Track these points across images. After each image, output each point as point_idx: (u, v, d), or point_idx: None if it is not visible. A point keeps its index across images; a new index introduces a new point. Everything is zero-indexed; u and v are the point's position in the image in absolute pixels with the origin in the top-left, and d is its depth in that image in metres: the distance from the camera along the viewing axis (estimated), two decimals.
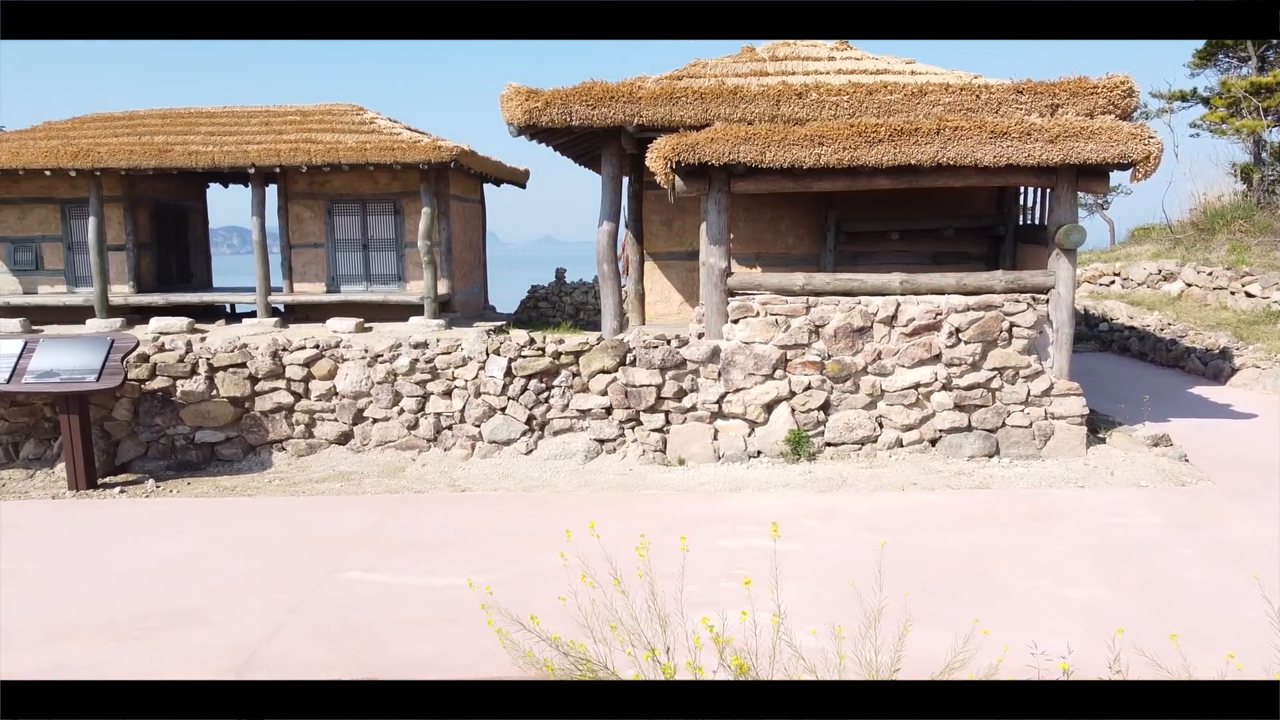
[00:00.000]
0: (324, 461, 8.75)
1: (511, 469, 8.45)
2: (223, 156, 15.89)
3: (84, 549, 6.58)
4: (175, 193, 19.67)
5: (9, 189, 17.85)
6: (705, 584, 5.63)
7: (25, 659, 4.87)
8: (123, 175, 16.95)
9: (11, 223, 18.01)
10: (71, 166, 16.00)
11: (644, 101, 9.65)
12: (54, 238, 18.02)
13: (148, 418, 8.65)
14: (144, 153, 16.00)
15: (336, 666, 4.72)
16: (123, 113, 18.75)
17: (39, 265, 18.12)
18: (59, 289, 18.13)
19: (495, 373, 8.66)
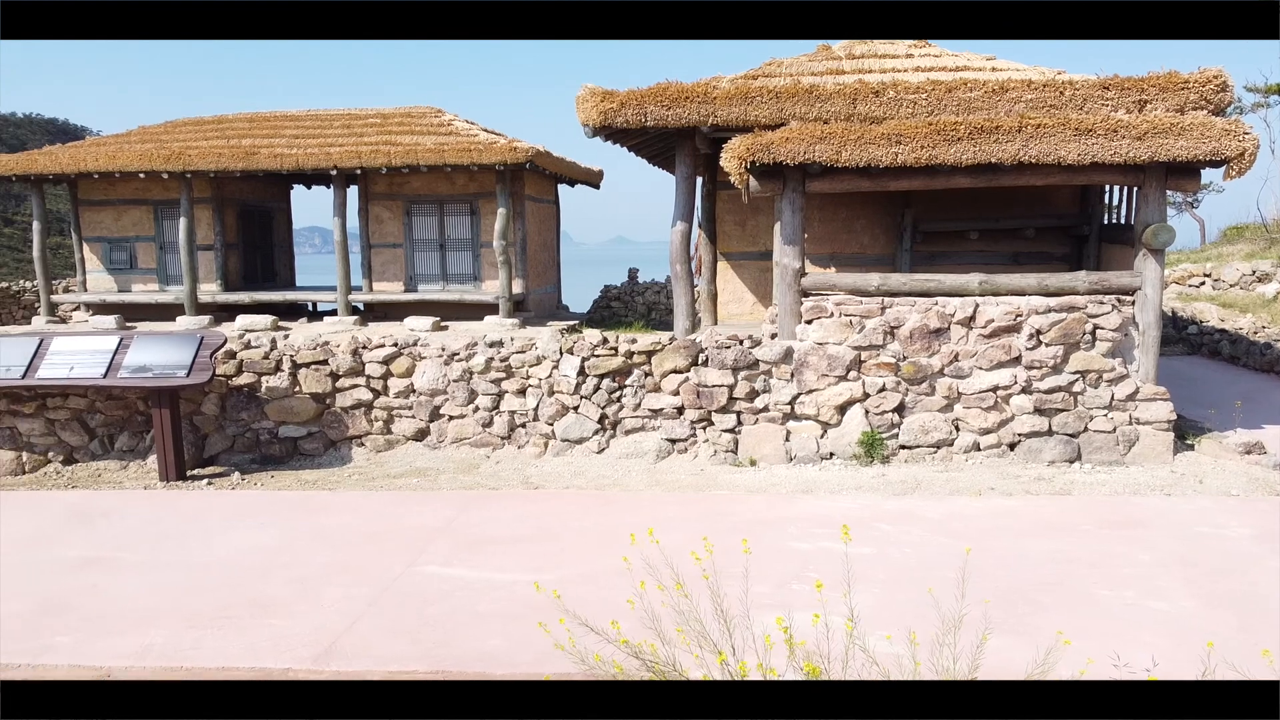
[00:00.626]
0: (401, 457, 8.91)
1: (583, 467, 8.50)
2: (306, 159, 16.30)
3: (172, 538, 6.82)
4: (261, 194, 20.24)
5: (106, 191, 18.57)
6: (775, 586, 5.59)
7: (115, 643, 5.06)
8: (211, 177, 17.50)
9: (108, 223, 18.73)
10: (164, 169, 16.58)
11: (719, 102, 9.62)
12: (147, 238, 18.69)
13: (234, 412, 8.92)
14: (232, 155, 16.50)
15: (412, 659, 4.80)
16: (212, 117, 19.37)
17: (133, 264, 18.81)
18: (151, 287, 18.80)
19: (569, 372, 8.72)
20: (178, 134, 18.26)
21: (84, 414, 8.83)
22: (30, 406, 8.74)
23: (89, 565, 6.25)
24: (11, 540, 6.78)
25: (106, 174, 17.10)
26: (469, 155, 16.06)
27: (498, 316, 17.25)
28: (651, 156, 13.65)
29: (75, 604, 5.60)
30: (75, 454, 8.85)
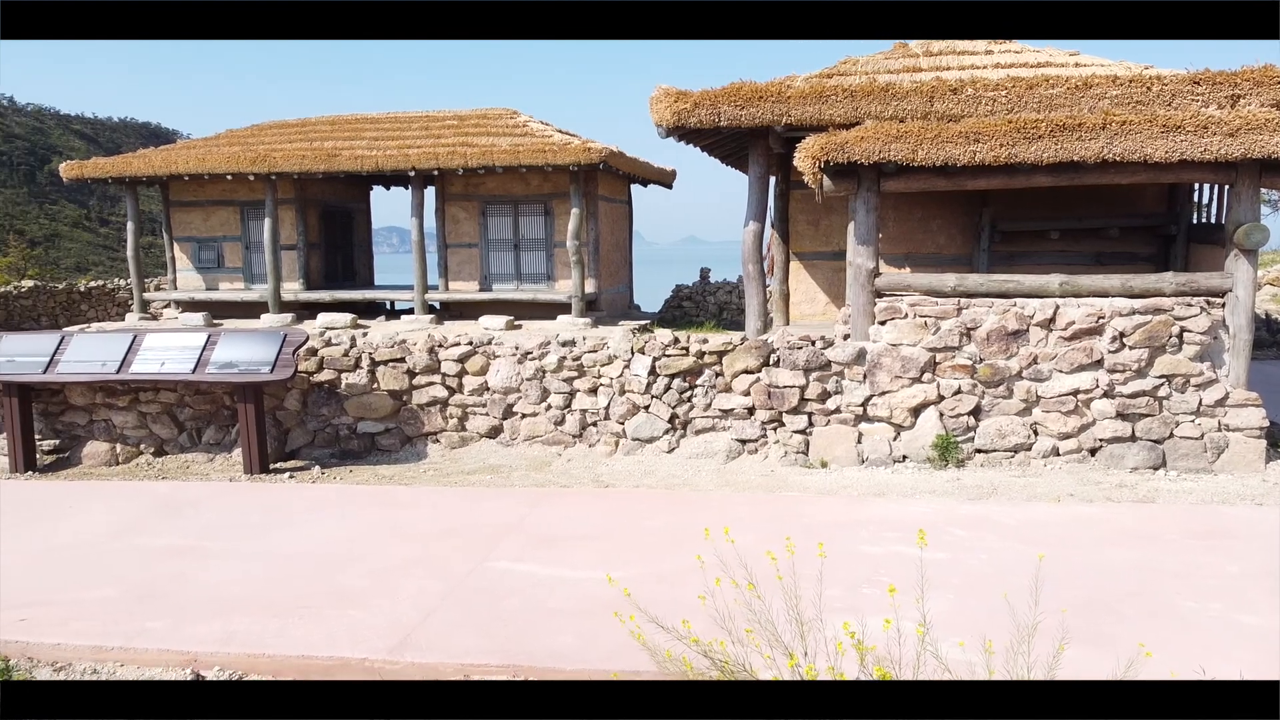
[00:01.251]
0: (475, 454, 9.05)
1: (654, 466, 8.52)
2: (385, 160, 16.64)
3: (255, 529, 7.02)
4: (342, 194, 20.73)
5: (195, 192, 19.22)
6: (846, 589, 5.53)
7: (201, 629, 5.23)
8: (295, 179, 17.99)
9: (197, 224, 19.38)
10: (250, 171, 17.09)
11: (792, 101, 9.56)
12: (233, 238, 19.29)
13: (315, 408, 9.16)
14: (314, 157, 16.93)
15: (485, 652, 4.87)
16: (295, 120, 19.89)
17: (220, 263, 19.44)
18: (237, 285, 19.40)
19: (640, 371, 8.75)
20: (263, 137, 18.81)
21: (174, 408, 9.16)
22: (124, 400, 9.10)
23: (177, 554, 6.47)
24: (106, 529, 7.06)
25: (196, 176, 17.70)
26: (543, 156, 16.22)
27: (570, 316, 17.40)
28: (724, 156, 13.61)
29: (164, 591, 5.81)
30: (165, 446, 9.18)
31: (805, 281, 12.27)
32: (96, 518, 7.35)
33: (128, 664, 5.01)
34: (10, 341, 8.93)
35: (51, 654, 5.09)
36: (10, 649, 5.11)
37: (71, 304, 20.77)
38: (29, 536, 6.92)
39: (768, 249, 13.14)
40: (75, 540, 6.83)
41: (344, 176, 18.08)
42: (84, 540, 6.81)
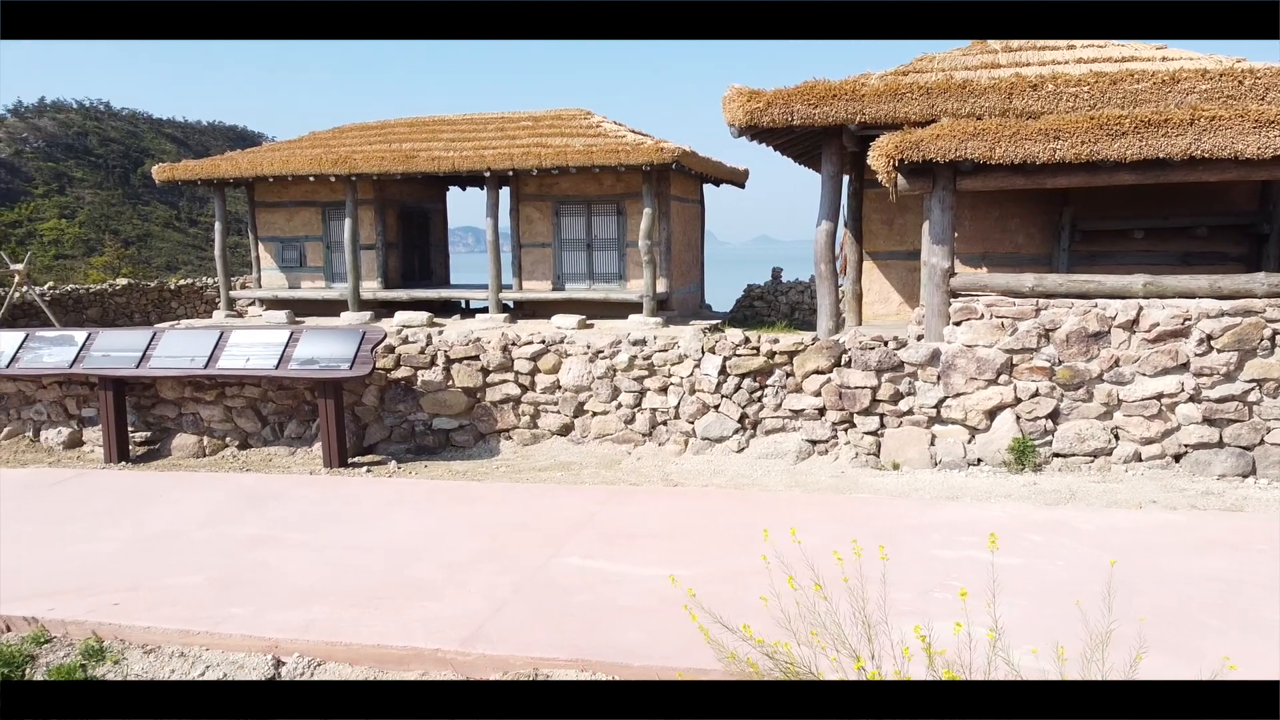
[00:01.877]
0: (546, 451, 9.15)
1: (723, 466, 8.52)
2: (462, 161, 16.92)
3: (334, 521, 7.22)
4: (419, 195, 21.13)
5: (279, 194, 19.79)
6: (916, 593, 5.47)
7: (282, 616, 5.40)
8: (374, 180, 18.39)
9: (280, 224, 19.95)
10: (331, 172, 17.53)
11: (867, 99, 9.46)
12: (315, 238, 19.80)
13: (392, 404, 9.37)
14: (393, 159, 17.29)
15: (554, 646, 4.94)
16: (375, 122, 20.33)
17: (302, 263, 19.97)
18: (318, 284, 19.91)
19: (710, 370, 8.76)
20: (344, 139, 19.28)
21: (258, 403, 9.46)
22: (211, 394, 9.42)
23: (260, 543, 6.69)
24: (193, 518, 7.33)
25: (280, 177, 18.22)
26: (616, 156, 16.31)
27: (641, 315, 17.47)
28: (797, 155, 13.53)
29: (248, 579, 6.01)
30: (249, 440, 9.48)
31: (879, 281, 12.13)
32: (185, 507, 7.63)
33: (213, 648, 5.20)
34: (106, 337, 9.32)
35: (142, 637, 5.31)
36: (104, 631, 5.35)
37: (162, 301, 21.57)
38: (123, 525, 7.23)
39: (840, 248, 13.03)
40: (165, 529, 7.10)
41: (421, 177, 18.43)
42: (173, 529, 7.09)
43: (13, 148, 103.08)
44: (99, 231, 69.97)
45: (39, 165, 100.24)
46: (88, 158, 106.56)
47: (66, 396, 9.70)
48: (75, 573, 6.20)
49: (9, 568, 6.30)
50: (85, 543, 6.81)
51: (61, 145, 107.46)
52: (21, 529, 7.15)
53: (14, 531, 7.08)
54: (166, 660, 5.16)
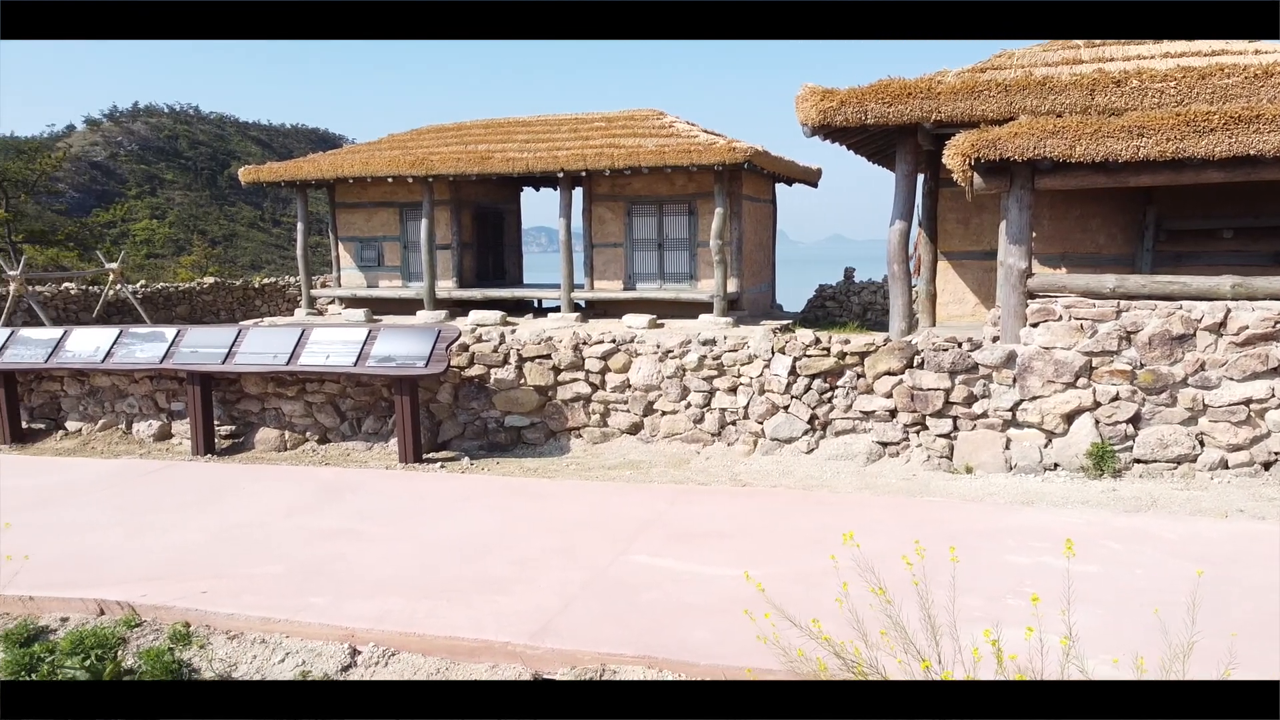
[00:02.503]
0: (615, 449, 9.22)
1: (792, 467, 8.48)
2: (536, 162, 17.11)
3: (408, 515, 7.39)
4: (494, 195, 21.43)
5: (359, 195, 20.25)
6: (987, 599, 5.38)
7: (359, 607, 5.56)
8: (450, 181, 18.72)
9: (360, 224, 20.42)
10: (409, 174, 17.89)
11: (943, 97, 9.32)
12: (393, 238, 20.23)
13: (465, 402, 9.54)
14: (469, 160, 17.57)
15: (621, 643, 4.99)
16: (452, 124, 20.69)
17: (380, 262, 20.41)
18: (395, 283, 20.33)
19: (779, 371, 8.73)
20: (421, 141, 19.65)
21: (336, 399, 9.71)
22: (292, 390, 9.71)
23: (338, 536, 6.89)
24: (275, 510, 7.57)
25: (359, 179, 18.65)
26: (688, 156, 16.33)
27: (712, 315, 17.46)
28: (871, 154, 13.38)
29: (326, 569, 6.19)
30: (328, 434, 9.74)
31: (953, 282, 11.94)
32: (267, 499, 7.88)
33: (292, 635, 5.37)
34: (194, 334, 9.68)
35: (226, 623, 5.52)
36: (191, 616, 5.57)
37: (246, 299, 22.26)
38: (209, 515, 7.50)
39: (914, 248, 12.85)
40: (248, 520, 7.35)
41: (496, 178, 18.69)
42: (256, 520, 7.33)
43: (108, 151, 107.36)
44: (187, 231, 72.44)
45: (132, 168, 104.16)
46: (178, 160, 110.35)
47: (157, 391, 10.09)
48: (165, 560, 6.46)
49: (104, 554, 6.60)
50: (174, 532, 7.09)
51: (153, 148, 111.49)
52: (115, 517, 7.47)
53: (108, 519, 7.41)
54: (248, 646, 5.35)
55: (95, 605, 5.77)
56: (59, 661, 5.26)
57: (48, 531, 7.10)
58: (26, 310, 17.23)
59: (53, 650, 5.35)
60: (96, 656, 5.26)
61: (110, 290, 19.20)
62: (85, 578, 6.13)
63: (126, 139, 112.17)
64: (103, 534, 7.06)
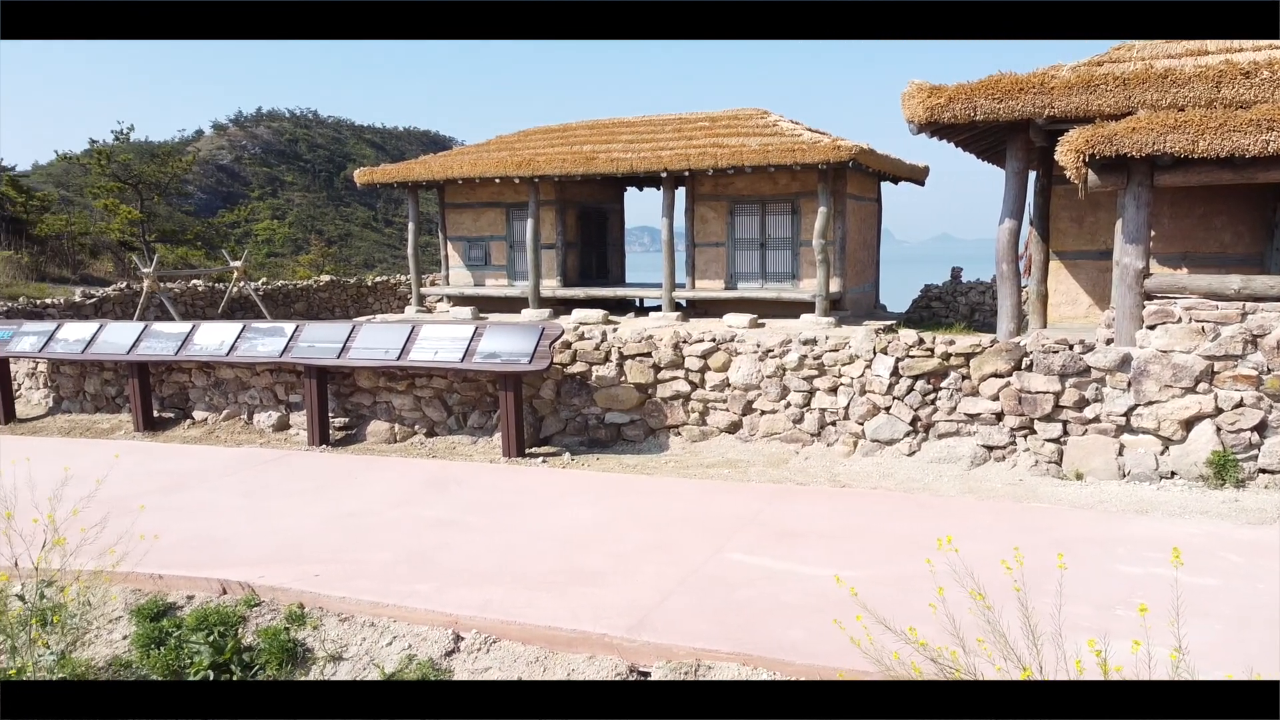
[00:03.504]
0: (714, 448, 9.24)
1: (892, 469, 8.36)
2: (639, 162, 17.24)
3: (511, 507, 7.57)
4: (598, 196, 21.67)
5: (467, 195, 20.75)
6: (1095, 608, 5.22)
7: (462, 594, 5.73)
8: (556, 181, 19.01)
9: (468, 224, 20.91)
10: (515, 175, 18.24)
11: (1056, 92, 9.04)
12: (499, 237, 20.66)
13: (567, 398, 9.70)
14: (574, 161, 17.82)
15: (716, 639, 5.03)
16: (557, 125, 21.00)
17: (487, 261, 20.87)
18: (501, 282, 20.75)
19: (881, 371, 8.61)
20: (528, 142, 20.01)
21: (444, 393, 10.00)
22: (402, 385, 10.04)
23: (443, 526, 7.10)
24: (385, 499, 7.86)
25: (468, 179, 19.11)
26: (792, 155, 16.22)
27: (814, 315, 17.30)
28: (980, 152, 13.06)
29: (432, 557, 6.40)
30: (435, 428, 10.04)
31: (1065, 282, 11.56)
32: (377, 489, 8.18)
33: (399, 620, 5.58)
34: (311, 330, 10.10)
35: (338, 606, 5.76)
36: (306, 598, 5.84)
37: (360, 297, 23.06)
38: (323, 502, 7.83)
39: (1025, 247, 12.49)
40: (360, 508, 7.65)
41: (600, 178, 18.90)
42: (367, 508, 7.62)
43: (233, 154, 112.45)
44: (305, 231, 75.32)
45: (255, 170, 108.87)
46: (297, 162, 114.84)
47: (276, 383, 10.57)
48: (282, 544, 6.78)
49: (227, 536, 6.96)
50: (291, 517, 7.42)
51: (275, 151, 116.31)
52: (237, 502, 7.86)
53: (230, 503, 7.80)
54: (358, 629, 5.58)
55: (218, 585, 6.09)
56: (184, 636, 5.58)
57: (178, 513, 7.54)
58: (158, 306, 18.22)
59: (179, 626, 5.68)
60: (220, 633, 5.56)
61: (234, 287, 20.14)
62: (209, 558, 6.48)
63: (250, 143, 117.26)
64: (226, 517, 7.45)
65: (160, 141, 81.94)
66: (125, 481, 8.49)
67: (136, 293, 18.36)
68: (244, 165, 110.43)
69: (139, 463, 9.37)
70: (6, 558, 5.52)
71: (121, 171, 29.07)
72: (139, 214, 28.94)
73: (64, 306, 17.09)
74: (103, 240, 29.55)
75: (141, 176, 29.54)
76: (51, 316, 16.62)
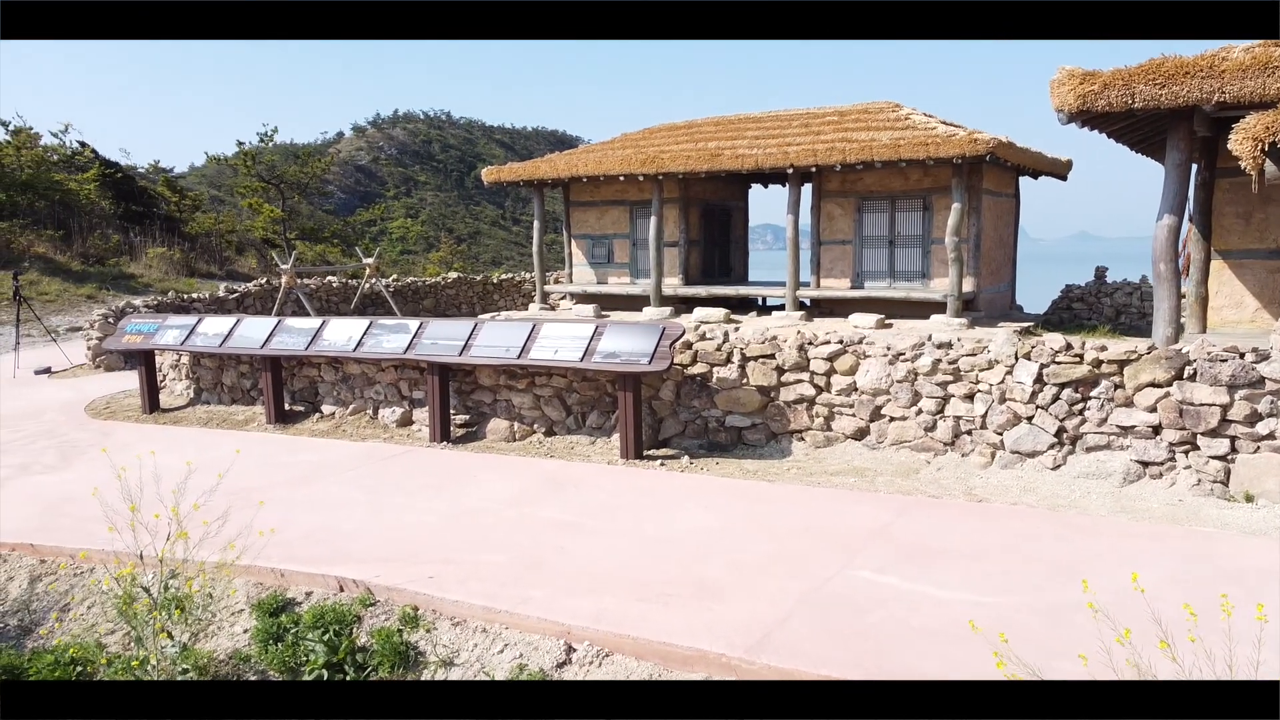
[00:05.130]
0: (839, 455, 8.80)
1: (1034, 483, 7.74)
2: (765, 159, 16.81)
3: (628, 511, 7.33)
4: (722, 194, 21.31)
5: (592, 194, 20.71)
6: (1277, 652, 4.61)
7: (576, 603, 5.51)
8: (679, 179, 18.75)
9: (591, 222, 20.88)
10: (640, 172, 18.06)
11: (1228, 75, 8.22)
12: (623, 235, 20.54)
13: (687, 399, 9.41)
14: (698, 158, 17.51)
15: (842, 665, 4.66)
16: (683, 122, 20.73)
17: (610, 259, 20.79)
18: (623, 280, 20.63)
19: (1023, 378, 7.99)
20: (653, 139, 19.81)
21: (563, 392, 9.85)
22: (522, 383, 9.94)
23: (559, 528, 6.92)
24: (503, 498, 7.74)
25: (592, 178, 19.03)
26: (926, 149, 15.51)
27: (945, 316, 16.53)
28: (1134, 143, 12.14)
29: (547, 561, 6.22)
30: (554, 427, 9.90)
31: (1229, 283, 10.59)
32: (495, 488, 8.08)
33: (512, 627, 5.40)
34: (434, 326, 10.11)
35: (451, 609, 5.63)
36: (420, 600, 5.73)
37: (485, 294, 23.34)
38: (441, 500, 7.77)
39: (1183, 245, 11.55)
40: (477, 506, 7.55)
41: (725, 175, 18.56)
42: (484, 507, 7.51)
43: (371, 155, 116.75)
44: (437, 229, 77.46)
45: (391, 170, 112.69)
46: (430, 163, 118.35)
47: (401, 379, 10.64)
48: (400, 540, 6.72)
49: (348, 530, 6.96)
50: (410, 513, 7.38)
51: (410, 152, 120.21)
52: (358, 496, 7.88)
53: (351, 498, 7.83)
54: (470, 634, 5.43)
55: (336, 582, 6.05)
56: (301, 634, 5.54)
57: (303, 506, 7.60)
58: (295, 301, 18.82)
59: (296, 622, 5.65)
60: (335, 632, 5.49)
61: (366, 284, 20.64)
62: (330, 553, 6.47)
63: (387, 144, 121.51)
64: (347, 511, 7.46)
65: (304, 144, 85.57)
66: (258, 471, 8.69)
67: (276, 288, 19.02)
68: (380, 165, 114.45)
69: (270, 455, 9.55)
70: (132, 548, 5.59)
71: (265, 172, 30.32)
72: (280, 212, 30.13)
73: (209, 301, 17.83)
74: (248, 238, 30.90)
75: (284, 177, 30.77)
76: (197, 310, 17.35)
